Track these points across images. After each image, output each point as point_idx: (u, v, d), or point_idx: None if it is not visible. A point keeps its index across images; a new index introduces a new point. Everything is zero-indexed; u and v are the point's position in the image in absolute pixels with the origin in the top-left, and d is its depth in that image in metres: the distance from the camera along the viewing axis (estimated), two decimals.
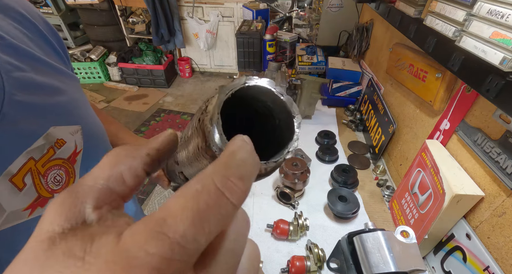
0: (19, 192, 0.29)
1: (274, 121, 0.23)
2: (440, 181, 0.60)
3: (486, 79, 0.41)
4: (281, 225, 0.72)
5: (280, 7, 2.29)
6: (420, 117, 0.82)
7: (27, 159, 0.30)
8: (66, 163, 0.36)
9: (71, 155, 0.37)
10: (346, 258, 0.53)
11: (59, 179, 0.35)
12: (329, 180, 0.92)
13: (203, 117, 0.18)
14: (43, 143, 0.32)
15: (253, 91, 0.20)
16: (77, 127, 0.38)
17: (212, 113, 0.17)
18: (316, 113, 1.24)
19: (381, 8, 0.85)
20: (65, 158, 0.36)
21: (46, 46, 0.39)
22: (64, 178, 0.36)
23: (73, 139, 0.37)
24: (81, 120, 0.39)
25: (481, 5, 0.41)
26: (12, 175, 0.29)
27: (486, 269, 0.51)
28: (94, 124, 0.43)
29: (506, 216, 0.50)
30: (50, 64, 0.36)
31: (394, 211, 0.81)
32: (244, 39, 1.53)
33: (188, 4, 3.19)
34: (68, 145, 0.36)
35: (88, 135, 0.40)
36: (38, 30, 0.38)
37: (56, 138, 0.34)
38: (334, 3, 1.41)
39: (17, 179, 0.29)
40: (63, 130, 0.35)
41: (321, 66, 1.43)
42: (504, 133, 0.50)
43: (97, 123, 0.44)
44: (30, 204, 0.31)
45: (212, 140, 0.17)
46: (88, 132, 0.40)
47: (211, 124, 0.17)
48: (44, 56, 0.36)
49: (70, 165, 0.37)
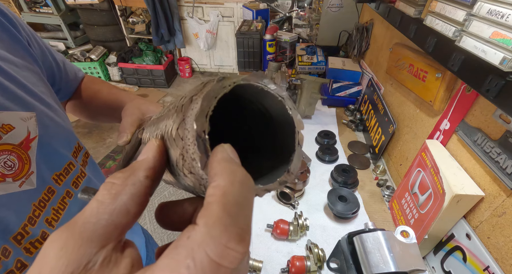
0: None
1: (274, 132, 0.22)
2: (440, 181, 0.60)
3: (486, 79, 0.41)
4: (281, 225, 0.72)
5: (280, 7, 2.29)
6: (420, 117, 0.82)
7: None
8: (17, 148, 0.36)
9: (23, 141, 0.37)
10: (346, 258, 0.53)
11: (11, 165, 0.35)
12: (329, 180, 0.92)
13: (185, 115, 0.15)
14: None
15: (258, 95, 0.18)
16: (30, 113, 0.38)
17: (198, 112, 0.15)
18: (316, 113, 1.24)
19: (381, 8, 0.85)
20: (15, 143, 0.36)
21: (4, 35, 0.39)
22: (17, 164, 0.36)
23: (25, 125, 0.37)
24: (36, 107, 0.39)
25: (481, 5, 0.41)
26: None
27: (486, 269, 0.51)
28: (54, 112, 0.42)
29: (506, 216, 0.50)
30: (7, 57, 0.38)
31: (394, 211, 0.81)
32: (244, 39, 1.53)
33: (188, 4, 3.19)
34: (18, 131, 0.36)
35: (45, 123, 0.39)
36: None
37: (1, 123, 0.34)
38: (334, 3, 1.41)
39: None
40: (11, 115, 0.35)
41: (321, 66, 1.43)
42: (504, 133, 0.50)
43: (57, 111, 0.44)
44: None
45: (193, 152, 0.15)
46: (44, 119, 0.39)
47: (196, 139, 0.15)
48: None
49: (23, 151, 0.36)
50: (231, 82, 0.16)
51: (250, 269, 0.65)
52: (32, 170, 0.37)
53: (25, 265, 0.35)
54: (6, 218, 0.34)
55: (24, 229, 0.35)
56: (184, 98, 0.18)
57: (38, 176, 0.38)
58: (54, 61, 0.52)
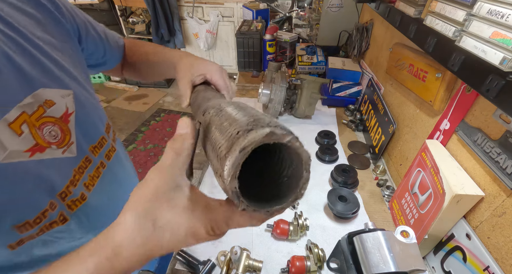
0: (18, 136, 0.36)
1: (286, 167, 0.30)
2: (440, 181, 0.60)
3: (486, 79, 0.41)
4: (281, 225, 0.72)
5: (280, 7, 2.29)
6: (420, 117, 0.82)
7: (20, 112, 0.37)
8: (59, 121, 0.42)
9: (63, 115, 0.43)
10: (346, 258, 0.53)
11: (55, 134, 0.41)
12: (329, 180, 0.92)
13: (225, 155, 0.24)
14: (32, 101, 0.38)
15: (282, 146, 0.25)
16: (68, 91, 0.44)
17: (232, 173, 0.23)
18: (316, 113, 1.24)
19: (381, 8, 0.85)
20: (57, 117, 0.42)
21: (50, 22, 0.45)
22: (60, 134, 0.42)
23: (64, 101, 0.43)
24: (73, 86, 0.45)
25: (481, 5, 0.41)
26: (9, 122, 0.36)
27: (486, 269, 0.51)
28: (88, 92, 0.49)
29: (506, 216, 0.50)
30: (50, 41, 0.43)
31: (394, 211, 0.81)
32: (244, 39, 1.53)
33: (188, 4, 3.19)
34: (59, 106, 0.42)
35: (80, 101, 0.46)
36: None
37: (44, 99, 0.40)
38: (334, 3, 1.41)
39: (15, 126, 0.36)
40: (53, 92, 0.41)
41: (321, 66, 1.43)
42: (504, 133, 0.50)
43: (90, 92, 0.50)
44: (29, 148, 0.38)
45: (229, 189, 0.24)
46: (79, 97, 0.46)
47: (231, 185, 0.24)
48: (46, 33, 0.43)
49: (63, 123, 0.43)
50: (255, 142, 0.23)
51: (250, 269, 0.65)
52: (72, 140, 0.44)
53: (66, 218, 0.43)
54: (53, 178, 0.41)
55: (67, 189, 0.43)
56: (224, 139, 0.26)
57: (78, 146, 0.45)
58: (97, 34, 0.57)
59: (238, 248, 0.65)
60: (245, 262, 0.63)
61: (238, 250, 0.65)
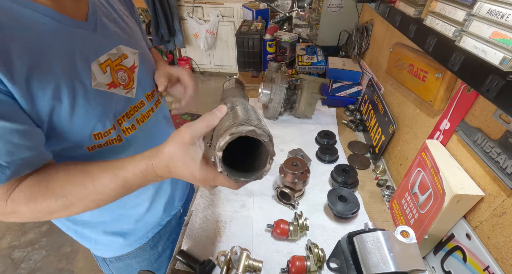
0: (103, 73, 0.54)
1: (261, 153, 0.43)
2: (440, 181, 0.60)
3: (486, 79, 0.41)
4: (281, 225, 0.72)
5: (280, 7, 2.29)
6: (420, 117, 0.82)
7: (107, 57, 0.56)
8: (128, 70, 0.61)
9: (131, 67, 0.62)
10: (346, 258, 0.53)
11: (124, 79, 0.59)
12: (329, 180, 0.92)
13: (214, 144, 0.40)
14: (115, 52, 0.58)
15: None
16: (135, 50, 0.63)
17: (219, 148, 0.38)
18: (316, 113, 1.24)
19: (381, 8, 0.85)
20: (127, 67, 0.61)
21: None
22: (127, 79, 0.60)
23: (132, 57, 0.62)
24: (139, 47, 0.65)
25: (481, 5, 0.41)
26: (100, 63, 0.54)
27: (486, 269, 0.51)
28: (146, 53, 0.69)
29: (506, 216, 0.50)
30: (125, 14, 0.67)
31: (394, 211, 0.81)
32: (244, 39, 1.53)
33: (188, 4, 3.19)
34: (129, 60, 0.61)
35: (142, 58, 0.65)
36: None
37: (122, 52, 0.59)
38: (334, 3, 1.41)
39: (103, 66, 0.54)
40: (127, 49, 0.61)
41: (321, 66, 1.43)
42: (504, 133, 0.50)
43: (148, 52, 0.70)
44: (109, 83, 0.56)
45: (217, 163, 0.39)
46: (142, 56, 0.65)
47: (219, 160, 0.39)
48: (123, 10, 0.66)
49: (130, 73, 0.61)
50: (240, 133, 0.37)
51: (250, 269, 0.65)
52: (134, 86, 0.62)
53: (121, 139, 0.60)
54: (115, 108, 0.57)
55: (123, 118, 0.60)
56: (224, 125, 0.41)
57: (137, 91, 0.63)
58: (141, 30, 0.74)
59: (238, 248, 0.65)
60: (245, 262, 0.63)
61: (238, 250, 0.65)
